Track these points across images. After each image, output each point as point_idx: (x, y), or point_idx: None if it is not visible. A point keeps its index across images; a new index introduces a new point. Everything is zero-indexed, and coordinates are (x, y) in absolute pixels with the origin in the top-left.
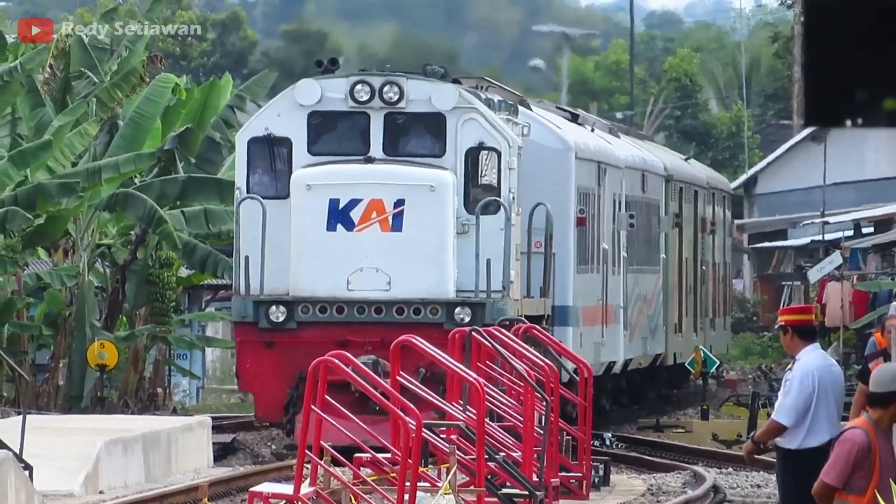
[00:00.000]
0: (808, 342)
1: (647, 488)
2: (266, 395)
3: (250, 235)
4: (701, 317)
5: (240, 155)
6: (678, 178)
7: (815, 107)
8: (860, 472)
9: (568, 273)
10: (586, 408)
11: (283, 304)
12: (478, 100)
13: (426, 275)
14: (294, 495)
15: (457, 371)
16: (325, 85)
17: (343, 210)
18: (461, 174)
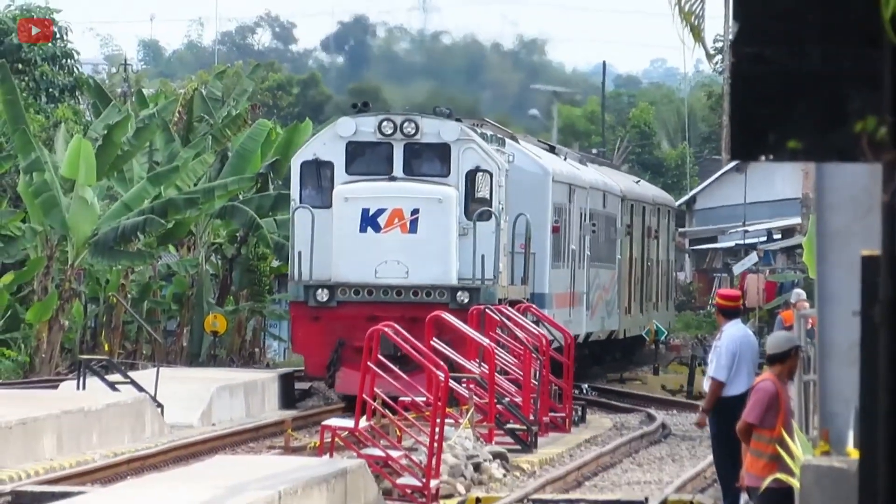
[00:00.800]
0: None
1: (613, 425)
2: (313, 357)
3: (302, 236)
4: (646, 301)
5: (294, 174)
6: (630, 198)
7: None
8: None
9: (545, 268)
10: (569, 366)
11: (326, 288)
12: (475, 133)
13: (435, 266)
14: (354, 428)
15: (474, 338)
16: (359, 121)
17: (372, 216)
18: (462, 190)
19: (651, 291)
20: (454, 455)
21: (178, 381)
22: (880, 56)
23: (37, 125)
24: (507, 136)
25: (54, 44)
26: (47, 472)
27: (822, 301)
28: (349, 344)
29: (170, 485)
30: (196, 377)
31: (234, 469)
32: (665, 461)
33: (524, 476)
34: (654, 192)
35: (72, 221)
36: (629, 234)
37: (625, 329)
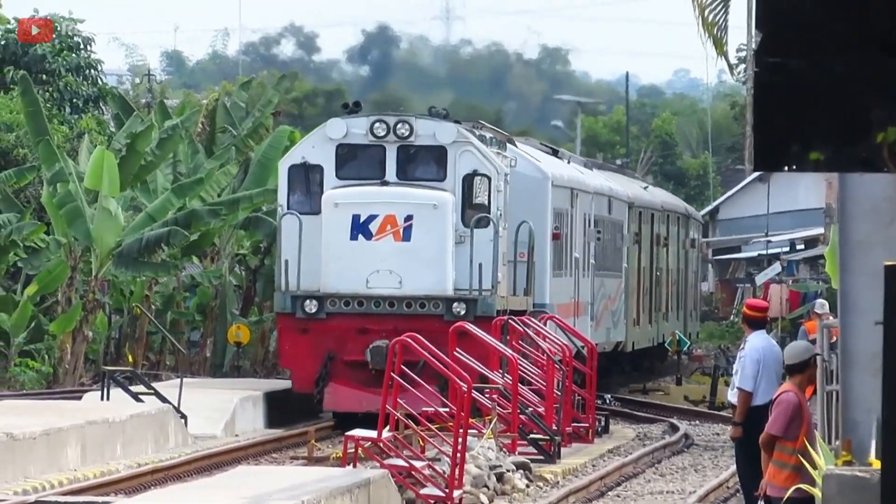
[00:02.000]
0: (758, 329)
1: (636, 435)
2: (300, 371)
3: (290, 244)
4: (656, 312)
5: (282, 178)
6: (638, 204)
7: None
8: (794, 424)
9: (545, 277)
10: (592, 376)
11: (315, 299)
12: (473, 136)
13: (430, 276)
14: (378, 438)
15: (497, 348)
16: (350, 123)
17: (363, 223)
18: (459, 195)
19: (661, 302)
20: (477, 465)
21: (202, 391)
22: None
23: (60, 136)
24: (505, 139)
25: (78, 54)
26: (71, 482)
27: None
28: (339, 358)
29: (193, 495)
30: (219, 388)
31: (257, 480)
32: (688, 471)
33: (547, 486)
34: (664, 199)
35: (96, 232)
36: (637, 242)
37: (633, 341)
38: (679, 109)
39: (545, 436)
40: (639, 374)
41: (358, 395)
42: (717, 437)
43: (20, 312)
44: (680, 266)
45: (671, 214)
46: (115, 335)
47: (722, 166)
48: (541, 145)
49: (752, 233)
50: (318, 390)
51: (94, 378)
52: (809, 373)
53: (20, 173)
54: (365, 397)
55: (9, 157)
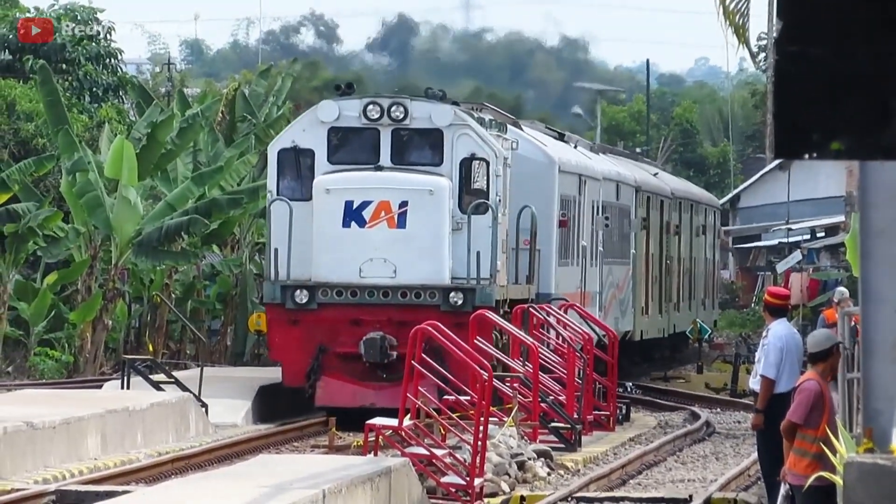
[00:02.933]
0: (779, 317)
1: (657, 423)
2: (291, 364)
3: (279, 231)
4: (665, 301)
5: (271, 163)
6: (646, 189)
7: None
8: (816, 412)
9: (551, 265)
10: (613, 364)
11: (306, 289)
12: (471, 118)
13: (426, 264)
14: (399, 426)
15: (518, 336)
16: (342, 105)
17: (356, 210)
18: (456, 180)
19: (671, 291)
20: (498, 453)
21: (222, 380)
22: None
23: (80, 125)
24: (509, 121)
25: (98, 43)
26: (91, 471)
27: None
28: (331, 350)
29: (214, 484)
30: (240, 376)
31: (278, 468)
32: (709, 459)
33: (568, 474)
34: (675, 186)
35: (115, 221)
36: (645, 229)
37: (641, 331)
38: (699, 98)
39: (566, 424)
40: (649, 366)
41: (351, 390)
42: (738, 425)
43: (40, 301)
44: (693, 254)
45: (683, 201)
46: (135, 324)
47: (742, 155)
48: (546, 129)
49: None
50: (309, 384)
51: (115, 367)
52: (832, 361)
53: (39, 162)
54: (359, 391)
55: (28, 147)
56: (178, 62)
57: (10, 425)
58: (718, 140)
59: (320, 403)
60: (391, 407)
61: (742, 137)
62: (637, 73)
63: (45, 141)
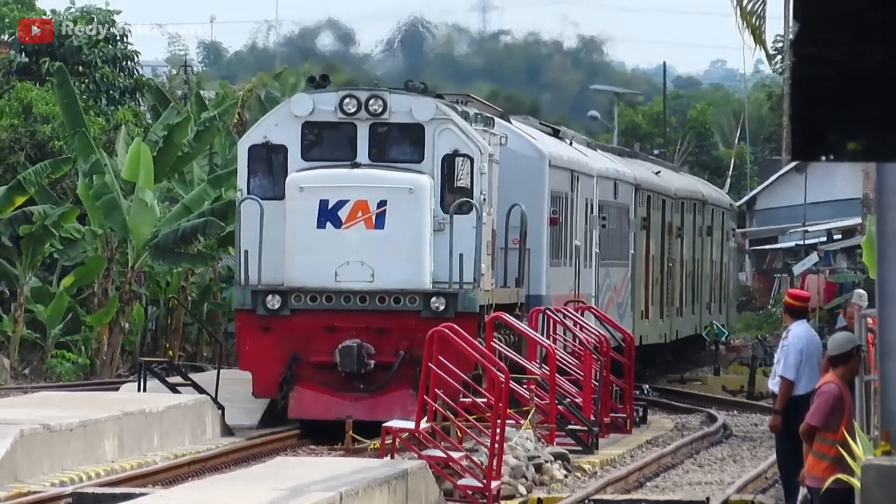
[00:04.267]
0: (799, 318)
1: (674, 425)
2: (263, 374)
3: (250, 232)
4: (667, 305)
5: (241, 160)
6: (646, 188)
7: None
8: (835, 415)
9: (541, 266)
10: (630, 366)
11: (278, 294)
12: (454, 112)
13: (405, 268)
14: (415, 429)
15: (535, 338)
16: (317, 98)
17: (332, 210)
18: (437, 178)
19: (673, 294)
20: (515, 456)
21: (239, 382)
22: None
23: (97, 128)
24: (497, 115)
25: (114, 46)
26: (108, 473)
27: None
28: (305, 359)
29: (231, 486)
30: None
31: (295, 470)
32: (726, 462)
33: (585, 477)
34: (679, 184)
35: (132, 224)
36: (645, 229)
37: (641, 335)
38: (714, 100)
39: (583, 426)
40: (665, 368)
41: (326, 401)
42: (755, 428)
43: (56, 304)
44: (697, 256)
45: (686, 201)
46: (151, 326)
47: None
48: (540, 124)
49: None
50: (281, 395)
51: (131, 369)
52: (852, 365)
53: (56, 165)
54: (334, 403)
55: (45, 149)
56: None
57: (27, 427)
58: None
59: (293, 416)
60: (369, 420)
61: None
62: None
63: (62, 143)
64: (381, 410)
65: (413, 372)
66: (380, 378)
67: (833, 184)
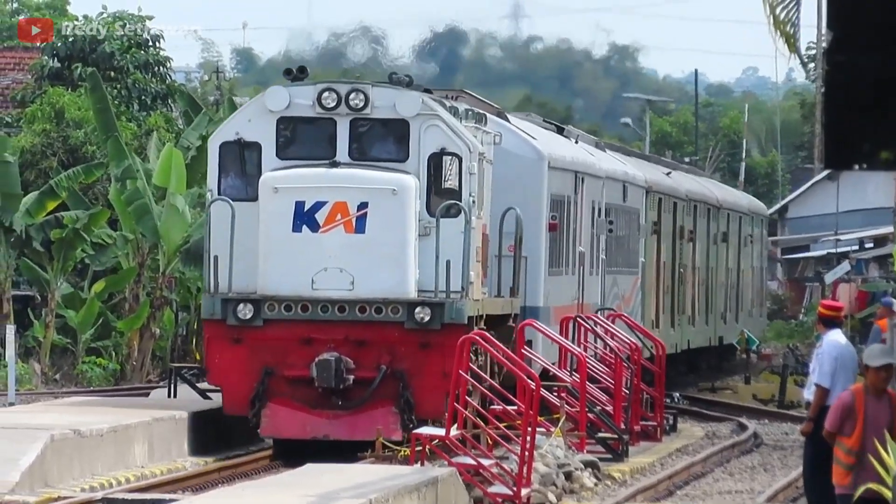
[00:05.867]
0: (833, 328)
1: (704, 434)
2: (233, 389)
3: (220, 236)
4: (678, 314)
5: (211, 158)
6: (657, 190)
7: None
8: (848, 422)
9: (539, 275)
10: (660, 374)
11: (250, 302)
12: (442, 107)
13: (388, 275)
14: (445, 436)
15: (566, 346)
16: (293, 92)
17: (308, 212)
18: (423, 178)
19: (685, 303)
20: (545, 464)
21: None
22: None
23: (129, 133)
24: (492, 111)
25: (147, 51)
26: (138, 479)
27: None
28: (278, 373)
29: (260, 493)
30: None
31: (325, 477)
32: (757, 470)
33: (615, 485)
34: (690, 187)
35: (163, 229)
36: (656, 233)
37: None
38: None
39: (613, 434)
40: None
41: (301, 419)
42: (786, 437)
43: (87, 309)
44: (710, 263)
45: (699, 205)
46: (182, 332)
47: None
48: (544, 122)
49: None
50: (253, 412)
51: (162, 375)
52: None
53: (88, 170)
54: (310, 421)
55: (77, 154)
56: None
57: (57, 433)
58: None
59: (266, 434)
60: (347, 439)
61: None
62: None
63: (94, 148)
64: (362, 429)
65: (396, 388)
66: (359, 394)
67: (865, 192)
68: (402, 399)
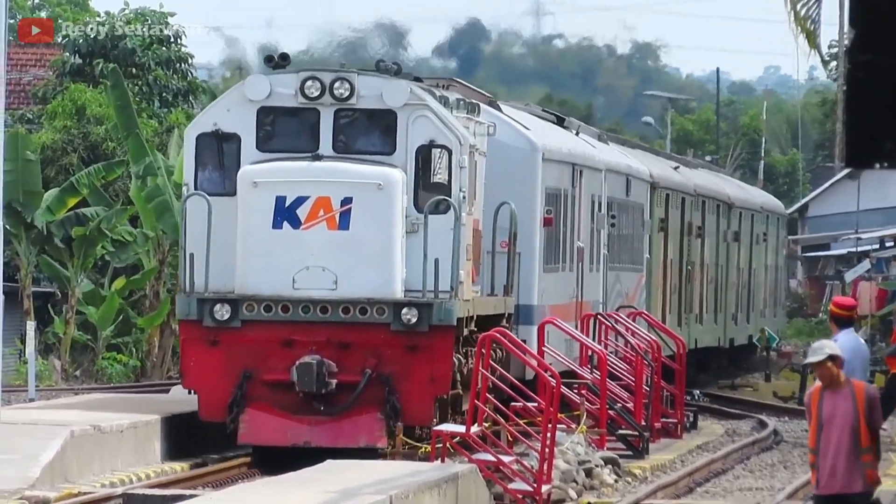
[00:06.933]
0: (845, 327)
1: (724, 431)
2: (209, 394)
3: (196, 233)
4: (686, 313)
5: (188, 150)
6: (664, 185)
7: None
8: (809, 422)
9: (533, 272)
10: (681, 372)
11: (227, 303)
12: (431, 97)
13: (373, 274)
14: (466, 433)
15: (586, 343)
16: (274, 80)
17: (289, 208)
18: (411, 172)
19: (692, 302)
20: (566, 460)
21: None
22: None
23: (150, 130)
24: (484, 101)
25: (168, 48)
26: (158, 475)
27: None
28: (257, 377)
29: (281, 489)
30: None
31: (346, 474)
32: (777, 468)
33: (636, 482)
34: (699, 182)
35: None
36: (663, 230)
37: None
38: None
39: (634, 431)
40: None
41: (281, 425)
42: (806, 434)
43: (108, 306)
44: (720, 261)
45: (708, 201)
46: None
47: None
48: (543, 111)
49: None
50: (231, 418)
51: None
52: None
53: (109, 167)
54: (291, 427)
55: (98, 151)
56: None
57: (77, 429)
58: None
59: (244, 441)
60: (329, 446)
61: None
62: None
63: (115, 145)
64: (345, 436)
65: (382, 393)
66: (343, 399)
67: (887, 191)
68: (387, 404)
